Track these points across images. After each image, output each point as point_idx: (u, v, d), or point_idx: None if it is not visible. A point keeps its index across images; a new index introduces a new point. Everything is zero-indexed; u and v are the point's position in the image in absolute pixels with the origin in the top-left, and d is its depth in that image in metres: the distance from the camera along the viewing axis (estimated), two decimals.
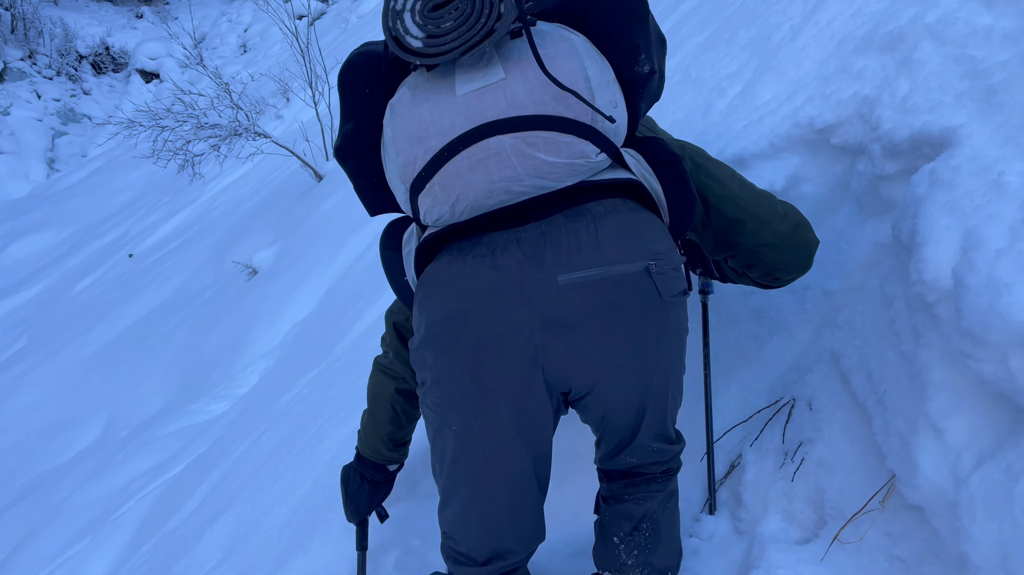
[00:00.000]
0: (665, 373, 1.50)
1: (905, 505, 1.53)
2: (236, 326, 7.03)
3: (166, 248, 10.34)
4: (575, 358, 1.38)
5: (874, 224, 1.96)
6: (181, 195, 11.70)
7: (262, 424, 3.48)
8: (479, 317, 1.37)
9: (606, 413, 1.51)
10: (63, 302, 10.27)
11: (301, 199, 8.54)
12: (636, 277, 1.37)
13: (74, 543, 4.58)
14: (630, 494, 1.70)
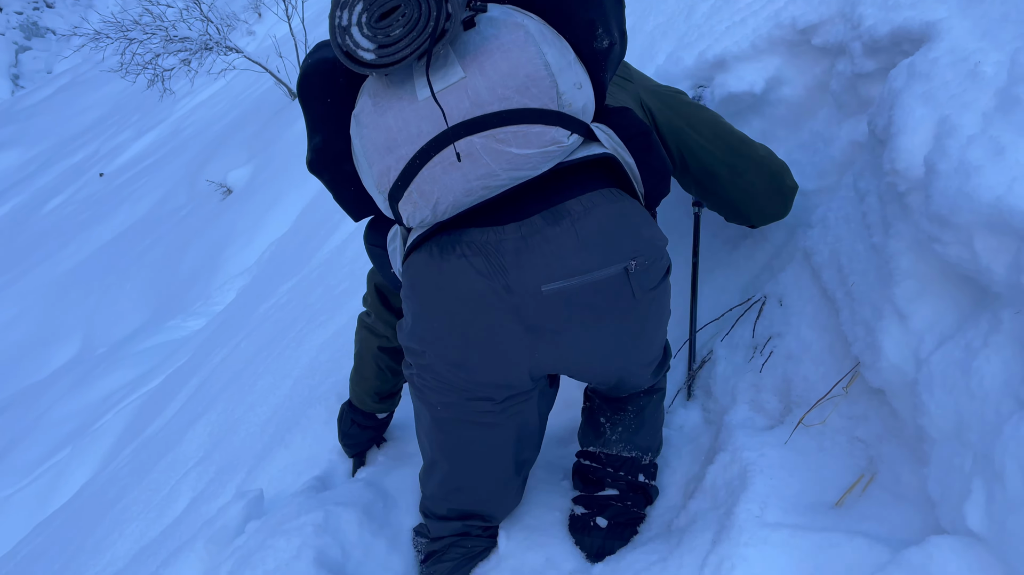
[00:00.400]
0: (647, 348, 1.60)
1: (867, 390, 1.59)
2: (211, 245, 6.97)
3: (137, 167, 10.15)
4: (559, 355, 1.47)
5: (851, 124, 1.97)
6: (151, 113, 11.43)
7: (240, 332, 3.50)
8: (466, 322, 1.41)
9: (590, 382, 1.68)
10: (33, 221, 10.11)
11: (275, 117, 8.37)
12: (616, 280, 1.42)
13: (55, 453, 4.63)
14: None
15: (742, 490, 1.51)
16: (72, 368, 6.38)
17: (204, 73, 8.53)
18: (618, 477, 1.76)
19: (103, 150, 11.56)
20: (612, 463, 1.77)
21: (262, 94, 9.16)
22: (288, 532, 1.65)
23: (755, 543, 1.37)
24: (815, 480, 1.53)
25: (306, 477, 2.01)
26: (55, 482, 4.17)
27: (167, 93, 8.59)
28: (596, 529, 1.73)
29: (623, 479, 1.76)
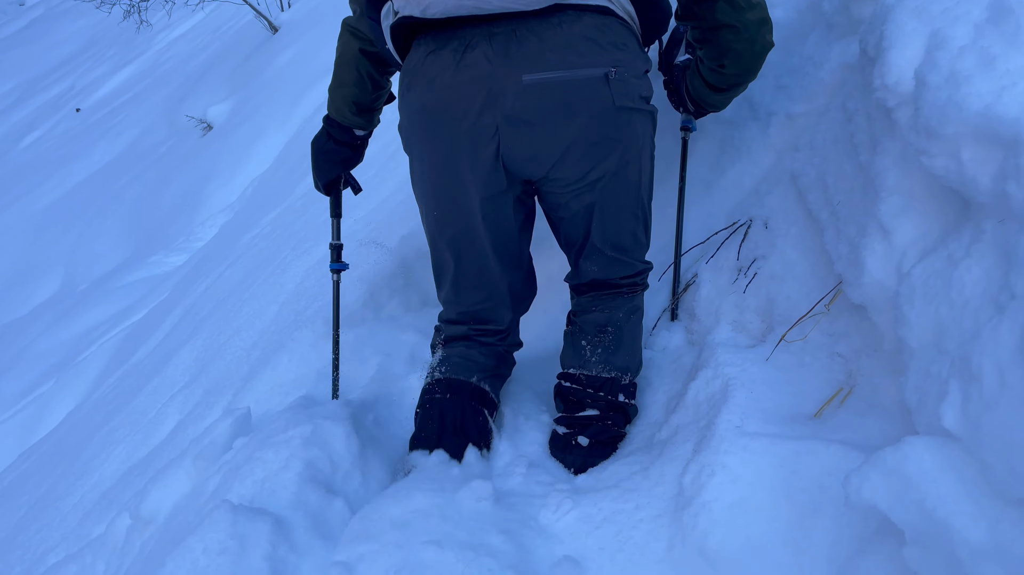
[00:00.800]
0: (617, 177, 1.61)
1: (848, 307, 1.61)
2: (192, 181, 6.89)
3: (115, 103, 9.94)
4: (531, 150, 1.53)
5: (842, 45, 1.96)
6: (128, 47, 11.14)
7: (224, 262, 3.48)
8: (452, 112, 1.51)
9: (560, 206, 1.66)
10: (9, 156, 9.92)
11: (256, 52, 8.20)
12: (596, 82, 1.49)
13: (39, 385, 4.63)
14: (597, 306, 1.82)
15: (723, 403, 1.54)
16: (54, 304, 6.34)
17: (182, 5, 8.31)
18: (598, 397, 1.79)
19: (79, 85, 11.30)
20: (592, 384, 1.80)
21: (242, 27, 8.95)
22: (276, 445, 1.67)
23: (735, 451, 1.40)
24: (795, 394, 1.56)
25: (293, 396, 2.02)
26: (39, 413, 4.18)
27: (144, 25, 8.38)
28: (578, 447, 1.77)
29: (603, 399, 1.79)
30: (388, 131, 3.56)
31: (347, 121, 1.86)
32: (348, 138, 1.88)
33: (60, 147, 9.42)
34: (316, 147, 1.92)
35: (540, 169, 1.58)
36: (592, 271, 1.78)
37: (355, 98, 1.82)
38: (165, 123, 8.42)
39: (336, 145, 1.88)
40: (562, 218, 1.70)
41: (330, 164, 1.92)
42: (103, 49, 12.16)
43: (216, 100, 7.66)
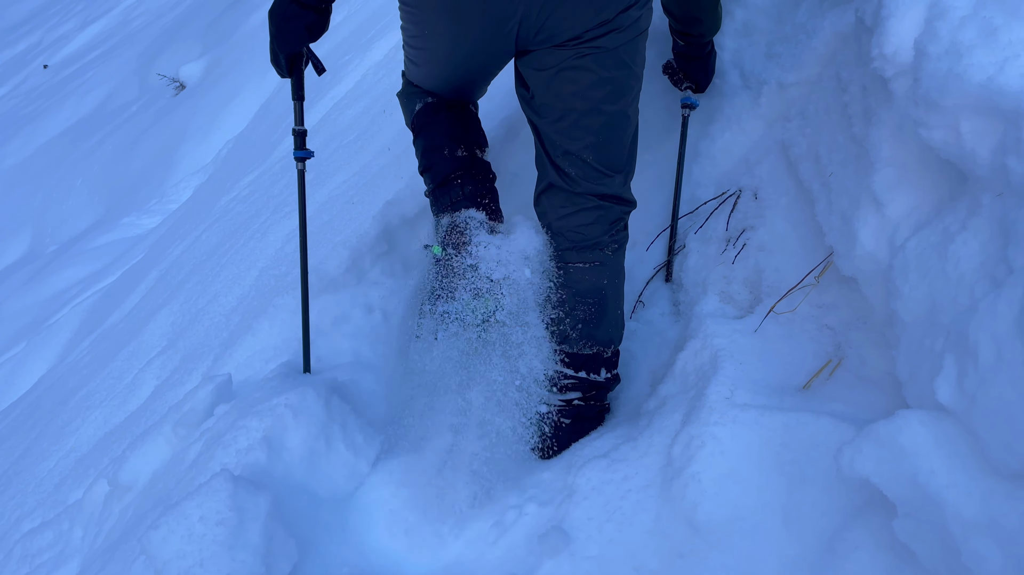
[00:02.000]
0: (615, 53, 1.61)
1: (839, 279, 1.61)
2: (165, 141, 6.74)
3: (84, 60, 9.67)
4: (546, 16, 1.55)
5: (836, 14, 1.93)
6: (97, 2, 10.82)
7: (201, 225, 3.41)
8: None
9: (551, 78, 1.63)
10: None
11: (231, 8, 7.99)
12: None
13: (8, 349, 4.54)
14: (576, 266, 1.74)
15: (712, 374, 1.54)
16: (23, 265, 6.21)
17: None
18: (580, 379, 1.76)
19: (46, 40, 10.96)
20: (574, 363, 1.76)
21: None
22: (260, 413, 1.64)
23: (724, 422, 1.40)
24: (784, 365, 1.56)
25: (274, 364, 1.99)
26: (10, 376, 4.10)
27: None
28: (560, 427, 1.75)
29: (585, 381, 1.76)
30: (369, 94, 3.50)
31: None
32: (312, 2, 1.67)
33: (27, 104, 9.16)
34: (276, 13, 1.68)
35: (549, 37, 1.59)
36: (567, 169, 1.69)
37: None
38: (136, 81, 8.21)
39: (300, 8, 1.66)
40: (545, 82, 1.66)
41: (294, 32, 1.68)
42: (71, 3, 11.79)
43: (189, 58, 7.48)
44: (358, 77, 3.75)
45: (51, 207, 7.06)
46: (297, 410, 1.66)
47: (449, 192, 1.79)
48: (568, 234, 1.73)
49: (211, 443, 1.70)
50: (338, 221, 2.35)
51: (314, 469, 1.65)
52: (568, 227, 1.72)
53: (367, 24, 4.86)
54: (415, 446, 1.78)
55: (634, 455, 1.50)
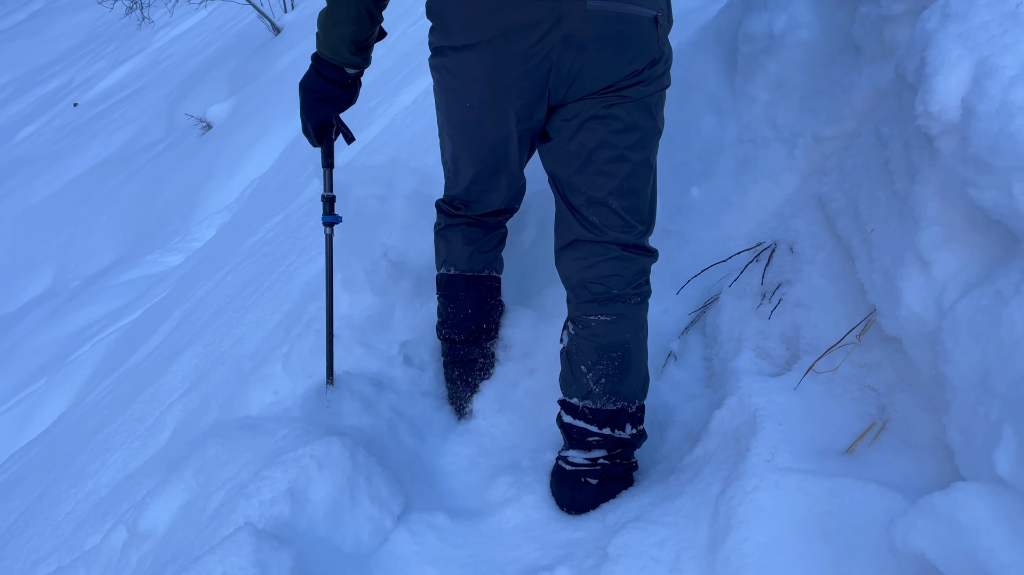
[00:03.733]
0: (639, 106, 1.63)
1: (881, 338, 1.56)
2: (190, 180, 6.82)
3: (113, 98, 9.86)
4: (579, 72, 1.58)
5: (872, 69, 1.92)
6: (128, 43, 11.06)
7: (225, 266, 3.42)
8: (515, 26, 1.54)
9: (576, 128, 1.64)
10: (5, 150, 9.81)
11: (258, 52, 8.15)
12: (646, 21, 1.58)
13: (29, 384, 4.54)
14: (598, 318, 1.69)
15: (751, 435, 1.49)
16: (46, 300, 6.25)
17: (184, 3, 8.24)
18: (604, 435, 1.70)
19: (77, 79, 11.21)
20: (598, 418, 1.70)
21: (244, 27, 8.90)
22: (284, 463, 1.61)
23: (766, 487, 1.35)
24: (825, 427, 1.51)
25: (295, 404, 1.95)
26: (30, 412, 4.09)
27: (146, 22, 8.31)
28: (587, 486, 1.70)
29: (611, 437, 1.70)
30: (397, 139, 3.52)
31: (343, 60, 1.74)
32: (339, 76, 1.76)
33: (57, 141, 9.33)
34: (305, 87, 1.79)
35: (580, 90, 1.60)
36: (591, 219, 1.67)
37: (353, 36, 1.70)
38: (164, 121, 8.35)
39: (326, 83, 1.76)
40: (570, 130, 1.65)
41: (321, 104, 1.79)
42: (103, 44, 12.07)
43: (216, 99, 7.60)
44: (386, 122, 3.78)
45: (76, 242, 7.13)
46: (322, 461, 1.63)
47: (445, 353, 2.09)
48: (590, 286, 1.70)
49: (234, 493, 1.66)
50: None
51: (338, 523, 1.61)
52: (590, 278, 1.69)
53: (394, 69, 4.92)
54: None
55: (670, 518, 1.45)
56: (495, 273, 2.08)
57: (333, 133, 1.88)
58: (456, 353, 2.07)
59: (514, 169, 1.82)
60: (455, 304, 2.04)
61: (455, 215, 1.98)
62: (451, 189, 1.94)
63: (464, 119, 1.74)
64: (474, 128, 1.73)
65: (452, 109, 1.75)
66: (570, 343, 1.75)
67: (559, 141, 1.68)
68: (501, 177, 1.84)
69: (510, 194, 1.92)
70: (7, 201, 8.22)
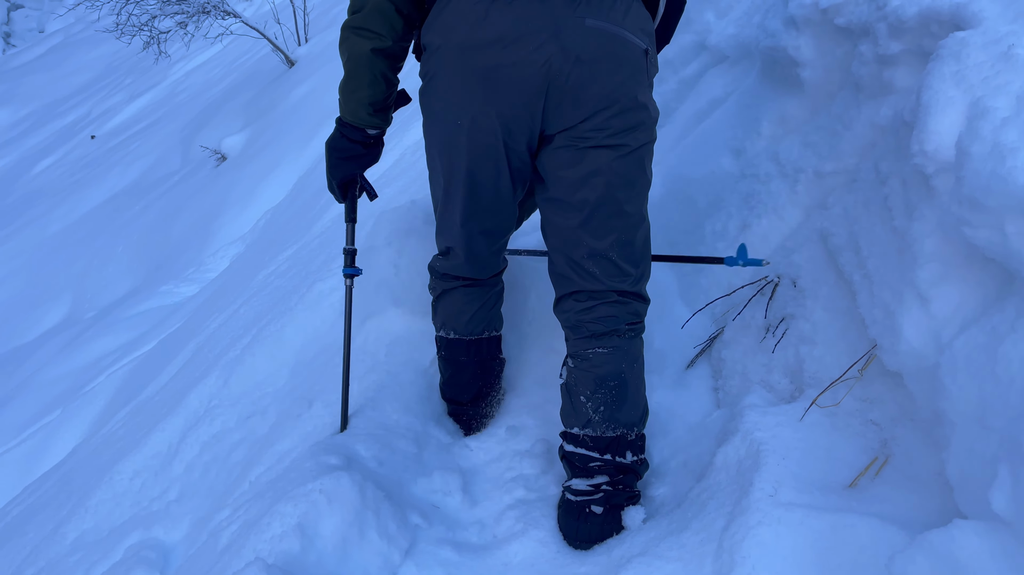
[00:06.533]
0: (632, 157, 1.66)
1: (882, 372, 1.58)
2: (205, 211, 6.90)
3: (130, 131, 10.01)
4: (575, 85, 1.59)
5: (872, 106, 1.95)
6: (145, 76, 11.27)
7: (239, 298, 3.46)
8: (513, 38, 1.57)
9: (574, 163, 1.66)
10: (23, 182, 9.97)
11: (272, 85, 8.27)
12: (639, 51, 1.63)
13: (44, 415, 4.58)
14: (595, 351, 1.75)
15: (755, 470, 1.51)
16: (61, 330, 6.31)
17: (200, 37, 8.40)
18: (606, 461, 1.73)
19: (95, 112, 11.40)
20: (598, 446, 1.73)
21: (258, 61, 9.05)
22: (295, 498, 1.64)
23: (769, 523, 1.37)
24: (828, 461, 1.53)
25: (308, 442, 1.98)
26: (45, 443, 4.12)
27: (162, 56, 8.46)
28: (592, 515, 1.71)
29: (611, 463, 1.73)
30: (407, 174, 3.57)
31: (363, 123, 1.81)
32: (361, 137, 1.84)
33: (74, 173, 9.47)
34: (330, 147, 1.87)
35: (574, 114, 1.61)
36: (592, 271, 1.72)
37: (371, 99, 1.77)
38: (179, 152, 8.47)
39: (349, 143, 1.84)
40: (571, 182, 1.67)
41: (344, 162, 1.87)
42: (120, 77, 12.30)
43: (231, 131, 7.71)
44: (396, 157, 3.84)
45: (91, 273, 7.21)
46: (332, 496, 1.65)
47: (445, 389, 2.13)
48: (588, 325, 1.76)
49: (245, 528, 1.69)
50: None
51: (346, 558, 1.63)
52: (588, 319, 1.76)
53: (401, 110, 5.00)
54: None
55: (675, 553, 1.46)
56: (495, 332, 2.08)
57: (357, 190, 1.97)
58: (460, 412, 2.12)
59: (507, 198, 1.78)
60: (455, 367, 2.06)
61: (451, 278, 1.97)
62: (444, 235, 1.91)
63: (454, 136, 1.70)
64: (465, 145, 1.69)
65: (444, 137, 1.73)
66: (569, 376, 1.80)
67: (558, 191, 1.71)
68: (493, 209, 1.80)
69: (503, 231, 1.89)
70: (25, 232, 8.33)
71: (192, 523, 2.02)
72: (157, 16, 8.03)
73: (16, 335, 6.83)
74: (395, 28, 1.69)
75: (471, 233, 1.85)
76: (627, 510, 1.73)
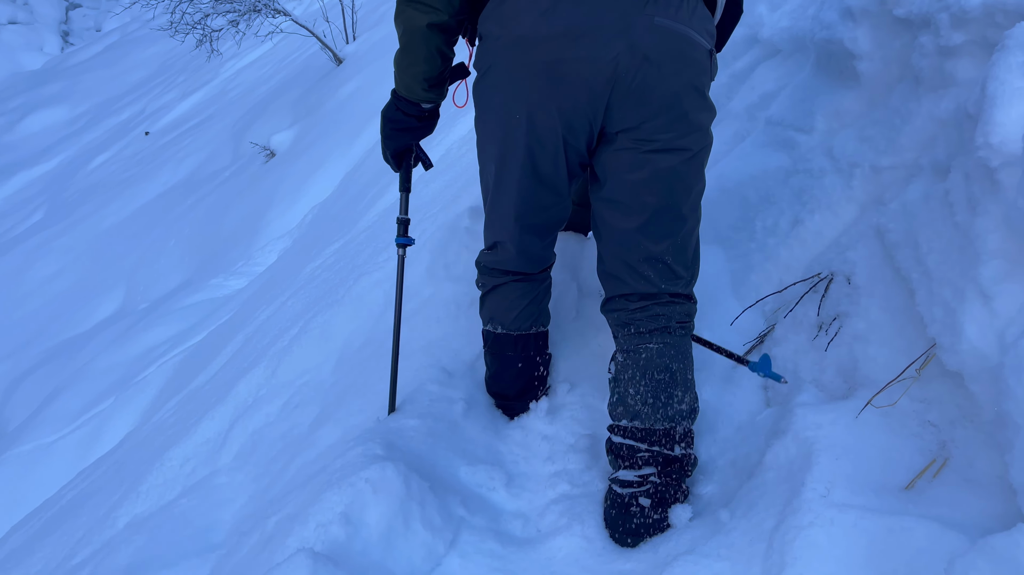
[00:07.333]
0: (691, 162, 1.65)
1: (942, 372, 1.53)
2: (254, 206, 7.01)
3: (182, 127, 10.22)
4: (641, 85, 1.56)
5: (932, 99, 1.89)
6: (197, 74, 11.50)
7: (287, 291, 3.51)
8: (581, 32, 1.54)
9: (632, 166, 1.64)
10: (79, 177, 10.25)
11: (320, 82, 8.37)
12: (704, 51, 1.60)
13: (97, 403, 4.70)
14: (646, 346, 1.74)
15: (807, 469, 1.47)
16: (115, 321, 6.47)
17: (251, 35, 8.53)
18: (654, 452, 1.72)
19: (149, 109, 11.67)
20: (647, 437, 1.72)
21: (307, 58, 9.16)
22: (341, 487, 1.65)
23: (822, 523, 1.34)
24: (883, 462, 1.49)
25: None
26: (98, 431, 4.24)
27: (214, 54, 8.61)
28: (640, 510, 1.69)
29: (660, 455, 1.72)
30: (453, 168, 3.58)
31: (417, 98, 1.82)
32: (416, 111, 1.85)
33: (128, 169, 9.71)
34: (386, 117, 1.89)
35: (637, 115, 1.59)
36: (647, 274, 1.71)
37: (426, 75, 1.77)
38: (230, 149, 8.62)
39: (404, 116, 1.86)
40: (633, 185, 1.65)
41: (399, 134, 1.90)
42: (173, 75, 12.57)
43: (280, 128, 7.82)
44: (442, 151, 3.85)
45: (144, 266, 7.38)
46: (377, 486, 1.66)
47: (491, 383, 2.13)
48: (638, 323, 1.76)
49: (291, 515, 1.71)
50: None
51: (391, 548, 1.63)
52: (639, 317, 1.76)
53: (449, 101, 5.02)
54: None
55: (723, 552, 1.44)
56: (542, 328, 2.07)
57: (412, 159, 1.99)
58: (505, 407, 2.12)
59: (562, 192, 1.77)
60: (503, 362, 2.06)
61: (500, 273, 1.96)
62: (493, 229, 1.90)
63: (511, 131, 1.67)
64: (522, 140, 1.66)
65: (499, 131, 1.70)
66: (618, 371, 1.79)
67: (617, 192, 1.69)
68: (547, 204, 1.79)
69: (553, 224, 1.87)
70: (81, 227, 8.56)
71: (240, 508, 2.05)
72: (210, 15, 8.18)
73: (71, 325, 7.02)
74: (452, 2, 1.67)
75: (523, 228, 1.83)
76: (674, 508, 1.71)
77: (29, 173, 11.31)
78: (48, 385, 5.61)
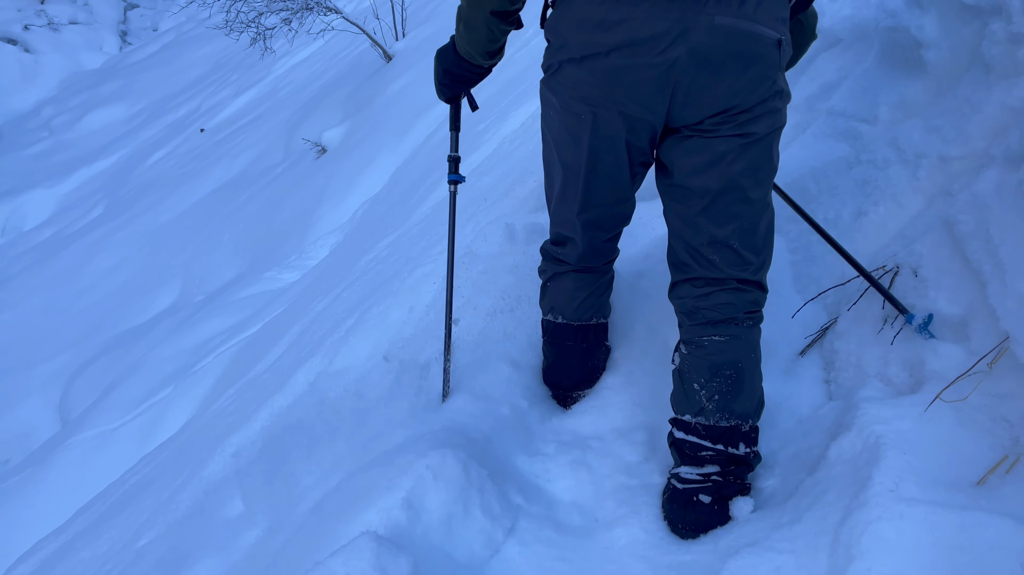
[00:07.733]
0: (760, 144, 1.61)
1: (1015, 367, 1.50)
2: (306, 201, 7.12)
3: (236, 124, 10.43)
4: (701, 87, 1.55)
5: (1004, 88, 1.85)
6: (250, 72, 11.72)
7: (341, 283, 3.56)
8: (640, 40, 1.53)
9: (699, 150, 1.63)
10: (137, 173, 10.53)
11: (370, 79, 8.46)
12: (771, 43, 1.56)
13: (157, 392, 4.83)
14: (712, 339, 1.71)
15: (874, 464, 1.45)
16: (172, 313, 6.64)
17: (303, 33, 8.66)
18: (717, 450, 1.70)
19: (204, 106, 11.93)
20: (710, 435, 1.70)
21: (358, 55, 9.27)
22: (403, 472, 1.67)
23: (891, 518, 1.32)
24: (953, 458, 1.45)
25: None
26: (158, 418, 4.36)
27: (268, 52, 8.77)
28: (699, 504, 1.68)
29: (723, 453, 1.70)
30: (506, 161, 3.60)
31: (477, 63, 1.91)
32: (476, 71, 1.95)
33: (183, 165, 9.94)
34: (444, 68, 1.97)
35: (698, 112, 1.58)
36: (712, 259, 1.69)
37: (487, 48, 1.86)
38: (282, 145, 8.77)
39: (461, 71, 1.95)
40: (693, 169, 1.65)
41: (456, 84, 2.00)
42: (227, 73, 12.83)
43: (331, 124, 7.93)
44: (495, 145, 3.87)
45: (199, 260, 7.55)
46: (437, 473, 1.68)
47: (548, 373, 2.15)
48: (704, 311, 1.73)
49: (351, 499, 1.74)
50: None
51: (451, 533, 1.65)
52: (705, 305, 1.72)
53: (501, 93, 5.03)
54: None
55: (787, 546, 1.42)
56: (603, 319, 2.07)
57: (462, 100, 2.09)
58: (561, 397, 2.14)
59: (625, 191, 1.80)
60: (561, 352, 2.07)
61: (563, 262, 1.97)
62: (559, 225, 1.92)
63: (577, 130, 1.69)
64: (587, 140, 1.69)
65: (565, 129, 1.73)
66: (682, 363, 1.76)
67: (680, 177, 1.68)
68: (611, 201, 1.81)
69: (618, 221, 1.89)
70: (139, 221, 8.79)
71: (299, 492, 2.09)
72: (263, 13, 8.33)
73: (130, 317, 7.22)
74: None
75: (586, 224, 1.85)
76: (735, 501, 1.70)
77: (89, 169, 11.65)
78: (109, 374, 5.78)
